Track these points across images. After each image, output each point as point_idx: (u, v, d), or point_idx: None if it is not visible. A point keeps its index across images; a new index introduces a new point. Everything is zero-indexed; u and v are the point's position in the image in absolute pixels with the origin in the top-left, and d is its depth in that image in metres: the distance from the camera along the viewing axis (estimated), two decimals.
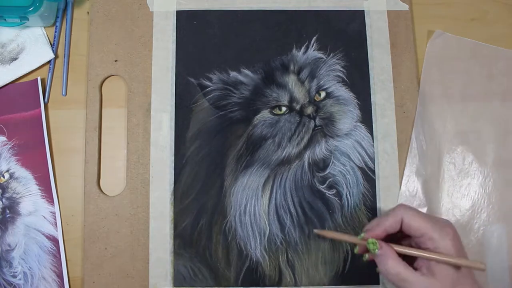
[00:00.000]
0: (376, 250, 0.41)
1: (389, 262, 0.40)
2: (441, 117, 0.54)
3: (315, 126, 0.52)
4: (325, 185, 0.52)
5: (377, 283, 0.50)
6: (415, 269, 0.40)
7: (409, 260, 0.41)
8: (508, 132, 0.54)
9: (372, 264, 0.50)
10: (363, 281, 0.50)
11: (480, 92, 0.55)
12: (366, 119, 0.53)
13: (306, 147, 0.52)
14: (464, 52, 0.56)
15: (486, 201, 0.53)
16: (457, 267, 0.40)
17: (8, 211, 0.52)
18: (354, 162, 0.52)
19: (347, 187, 0.52)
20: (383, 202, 0.52)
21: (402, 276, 0.39)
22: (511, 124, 0.54)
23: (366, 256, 0.43)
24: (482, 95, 0.55)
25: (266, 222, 0.51)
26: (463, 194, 0.53)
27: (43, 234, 0.52)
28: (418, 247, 0.41)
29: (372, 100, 0.54)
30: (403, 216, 0.41)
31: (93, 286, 0.50)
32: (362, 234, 0.42)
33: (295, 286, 0.50)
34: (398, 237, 0.44)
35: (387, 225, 0.42)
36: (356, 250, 0.44)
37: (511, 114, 0.54)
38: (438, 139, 0.53)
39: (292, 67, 0.54)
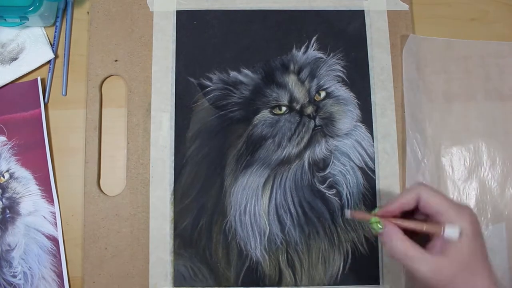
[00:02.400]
0: (380, 229, 0.39)
1: (393, 240, 0.39)
2: (429, 121, 0.54)
3: (315, 126, 0.52)
4: (325, 185, 0.52)
5: (377, 283, 0.50)
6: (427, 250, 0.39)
7: (424, 243, 0.39)
8: (496, 127, 0.53)
9: (372, 264, 0.50)
10: (363, 281, 0.50)
11: (461, 89, 0.54)
12: (366, 119, 0.53)
13: (306, 147, 0.52)
14: (439, 52, 0.55)
15: (486, 201, 0.53)
16: (471, 248, 0.37)
17: (8, 211, 0.52)
18: (354, 162, 0.52)
19: (347, 187, 0.52)
20: (383, 202, 0.52)
21: (409, 255, 0.38)
22: (498, 119, 0.53)
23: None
24: (464, 92, 0.54)
25: (266, 222, 0.51)
26: (466, 195, 0.53)
27: (43, 234, 0.52)
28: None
29: (372, 100, 0.54)
30: (420, 193, 0.40)
31: (93, 286, 0.50)
32: (376, 209, 0.41)
33: (295, 286, 0.50)
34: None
35: (403, 201, 0.40)
36: (375, 230, 0.42)
37: (495, 108, 0.53)
38: (431, 144, 0.53)
39: (292, 67, 0.54)
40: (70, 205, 0.53)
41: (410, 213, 0.41)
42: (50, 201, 0.52)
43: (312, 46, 0.55)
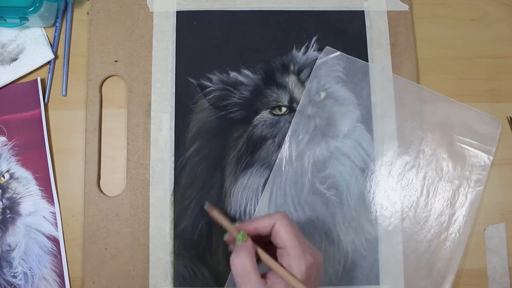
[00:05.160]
0: (241, 240, 0.41)
1: (242, 253, 0.39)
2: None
3: (315, 126, 0.53)
4: (325, 185, 0.52)
5: (377, 283, 0.50)
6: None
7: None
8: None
9: (372, 264, 0.50)
10: (363, 281, 0.50)
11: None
12: (366, 119, 0.53)
13: (306, 148, 0.52)
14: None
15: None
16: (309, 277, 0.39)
17: (8, 212, 0.52)
18: (354, 163, 0.52)
19: (347, 188, 0.52)
20: (381, 202, 0.52)
21: (246, 270, 0.39)
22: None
23: (231, 247, 0.43)
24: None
25: None
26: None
27: (44, 235, 0.52)
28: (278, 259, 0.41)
29: (372, 100, 0.54)
30: (276, 221, 0.40)
31: (93, 286, 0.50)
32: (236, 224, 0.42)
33: None
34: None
35: (260, 224, 0.41)
36: (225, 237, 0.43)
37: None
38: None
39: (292, 67, 0.54)
40: (70, 205, 0.53)
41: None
42: (50, 201, 0.52)
43: (312, 46, 0.55)
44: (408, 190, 0.52)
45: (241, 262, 0.39)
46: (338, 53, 0.54)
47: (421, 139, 0.53)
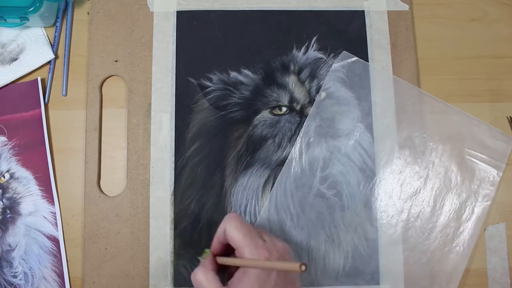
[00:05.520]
0: (202, 258, 0.43)
1: (197, 269, 0.41)
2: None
3: (315, 126, 0.53)
4: (325, 185, 0.52)
5: (377, 283, 0.50)
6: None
7: None
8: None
9: (372, 264, 0.50)
10: (363, 281, 0.50)
11: None
12: (366, 119, 0.53)
13: (306, 148, 0.52)
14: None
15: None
16: (269, 272, 0.39)
17: (8, 211, 0.52)
18: (354, 162, 0.52)
19: (347, 187, 0.52)
20: (383, 202, 0.52)
21: (201, 285, 0.40)
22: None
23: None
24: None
25: (266, 223, 0.51)
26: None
27: (44, 234, 0.52)
28: None
29: (372, 100, 0.54)
30: (226, 224, 0.41)
31: (93, 286, 0.50)
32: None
33: None
34: None
35: (217, 236, 0.42)
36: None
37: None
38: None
39: (292, 67, 0.54)
40: (70, 205, 0.53)
41: None
42: (51, 201, 0.52)
43: (313, 46, 0.55)
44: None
45: (195, 277, 0.41)
46: (355, 58, 0.54)
47: (431, 150, 0.53)
